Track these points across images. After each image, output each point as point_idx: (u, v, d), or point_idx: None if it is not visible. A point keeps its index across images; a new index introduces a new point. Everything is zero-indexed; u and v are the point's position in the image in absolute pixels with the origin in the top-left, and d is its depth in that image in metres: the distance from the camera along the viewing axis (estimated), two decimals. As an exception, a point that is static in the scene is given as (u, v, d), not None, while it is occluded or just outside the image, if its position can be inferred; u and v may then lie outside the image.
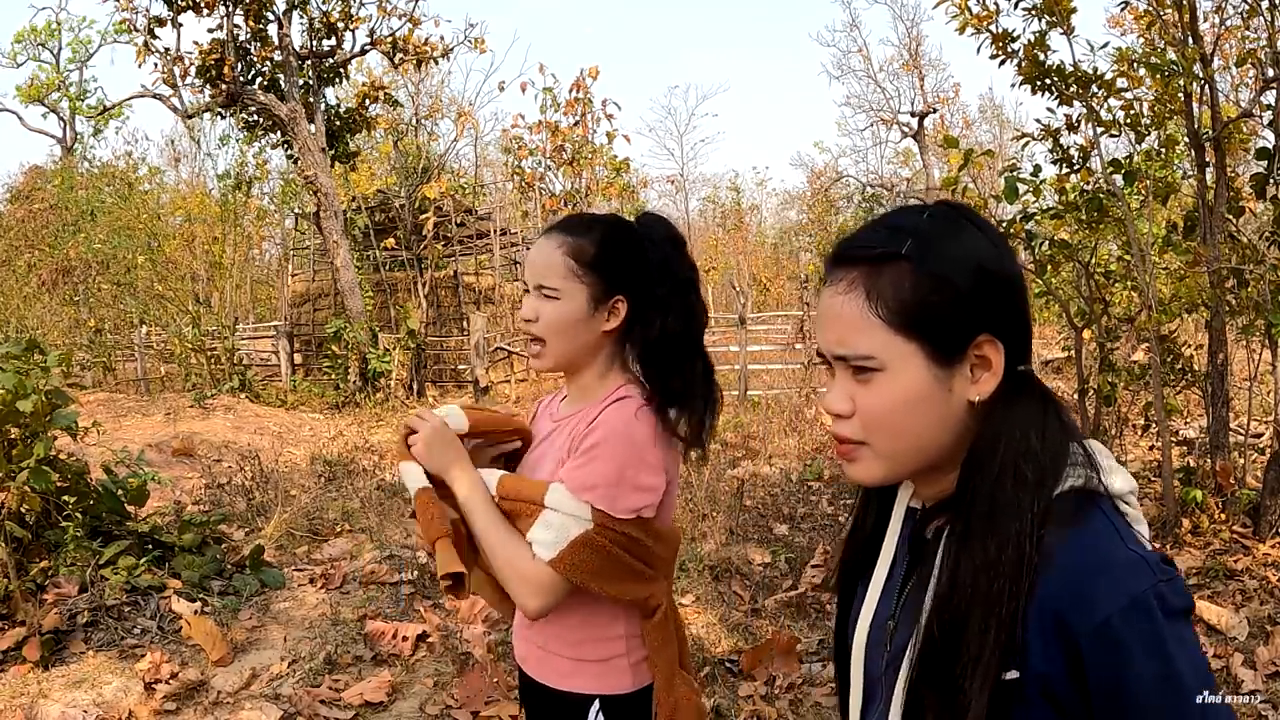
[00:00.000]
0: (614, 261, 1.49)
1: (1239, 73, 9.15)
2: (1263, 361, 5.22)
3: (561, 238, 1.50)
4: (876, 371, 0.88)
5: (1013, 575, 0.83)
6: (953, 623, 0.85)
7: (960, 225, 0.91)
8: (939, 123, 25.79)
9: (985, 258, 0.89)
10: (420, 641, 3.87)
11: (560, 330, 1.48)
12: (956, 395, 0.89)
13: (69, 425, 4.11)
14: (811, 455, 7.40)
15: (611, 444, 1.40)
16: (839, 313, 0.90)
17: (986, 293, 0.88)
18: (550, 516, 1.40)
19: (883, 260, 0.89)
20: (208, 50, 12.36)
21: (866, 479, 0.93)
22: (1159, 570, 0.83)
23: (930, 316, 0.87)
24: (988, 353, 0.88)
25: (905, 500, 1.02)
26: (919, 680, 0.88)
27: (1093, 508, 0.87)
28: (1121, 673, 0.81)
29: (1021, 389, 0.90)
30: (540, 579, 1.39)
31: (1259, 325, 4.41)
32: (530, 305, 1.50)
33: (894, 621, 0.97)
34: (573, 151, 14.60)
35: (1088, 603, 0.81)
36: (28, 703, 3.30)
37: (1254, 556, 4.20)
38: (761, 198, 40.35)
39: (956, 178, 4.64)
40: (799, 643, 3.68)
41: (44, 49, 25.57)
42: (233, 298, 16.80)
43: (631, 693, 1.50)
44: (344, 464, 7.48)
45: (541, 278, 1.48)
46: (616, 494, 1.39)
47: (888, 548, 1.01)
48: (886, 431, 0.89)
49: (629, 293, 1.49)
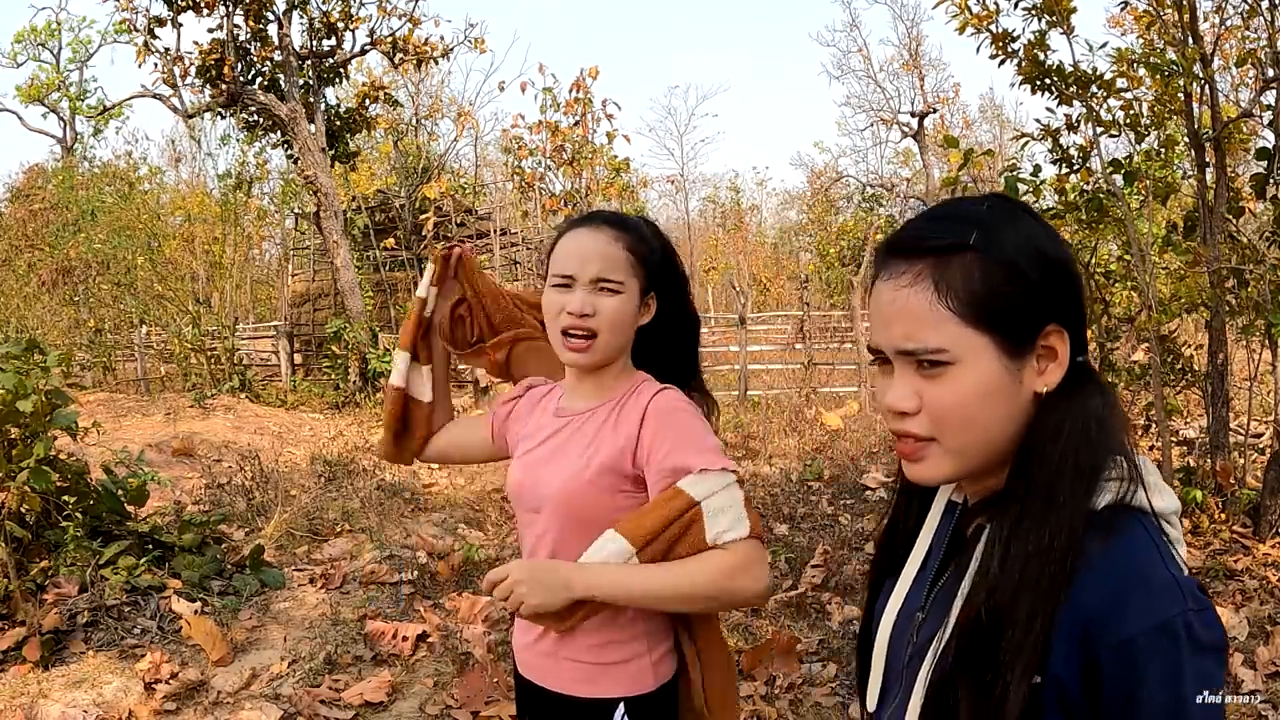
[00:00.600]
0: (655, 260, 1.51)
1: (1239, 73, 9.15)
2: (1263, 361, 5.22)
3: (616, 232, 1.48)
4: (947, 365, 0.86)
5: (1062, 563, 0.82)
6: (999, 608, 0.83)
7: (1018, 215, 0.90)
8: (939, 123, 25.76)
9: (1048, 247, 0.88)
10: (420, 641, 3.87)
11: (619, 325, 1.47)
12: (1025, 387, 0.87)
13: (69, 425, 4.11)
14: (811, 455, 7.40)
15: (680, 426, 1.41)
16: (905, 306, 0.87)
17: (1053, 281, 0.87)
18: (712, 504, 1.34)
19: (950, 251, 0.87)
20: (208, 50, 12.35)
21: (934, 477, 0.91)
22: (1192, 599, 0.81)
23: (1002, 307, 0.85)
24: (1054, 343, 0.87)
25: (947, 494, 1.01)
26: (954, 668, 0.86)
27: (1134, 521, 0.85)
28: (1134, 694, 0.80)
29: (1081, 380, 0.89)
30: (749, 557, 1.34)
31: (1259, 325, 4.40)
32: (584, 298, 1.44)
33: (923, 613, 0.96)
34: (573, 151, 14.58)
35: (1116, 617, 0.80)
36: (28, 703, 3.30)
37: (1254, 556, 4.20)
38: (761, 198, 40.29)
39: (956, 178, 4.65)
40: (799, 643, 3.68)
41: (44, 49, 25.56)
42: (233, 298, 16.79)
43: (655, 691, 1.47)
44: (344, 464, 7.48)
45: (603, 271, 1.45)
46: (716, 453, 1.40)
47: (923, 540, 1.00)
48: (958, 426, 0.87)
49: (655, 289, 1.52)
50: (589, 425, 1.49)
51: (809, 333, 12.68)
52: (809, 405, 10.13)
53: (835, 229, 25.65)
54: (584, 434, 1.48)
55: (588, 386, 1.54)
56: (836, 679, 3.50)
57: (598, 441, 1.45)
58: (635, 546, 1.34)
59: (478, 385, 12.29)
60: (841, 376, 12.47)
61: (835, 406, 10.14)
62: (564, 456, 1.48)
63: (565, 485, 1.45)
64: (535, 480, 1.51)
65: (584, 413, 1.51)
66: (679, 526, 1.33)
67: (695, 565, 1.33)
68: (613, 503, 1.43)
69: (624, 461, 1.43)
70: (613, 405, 1.49)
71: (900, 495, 1.06)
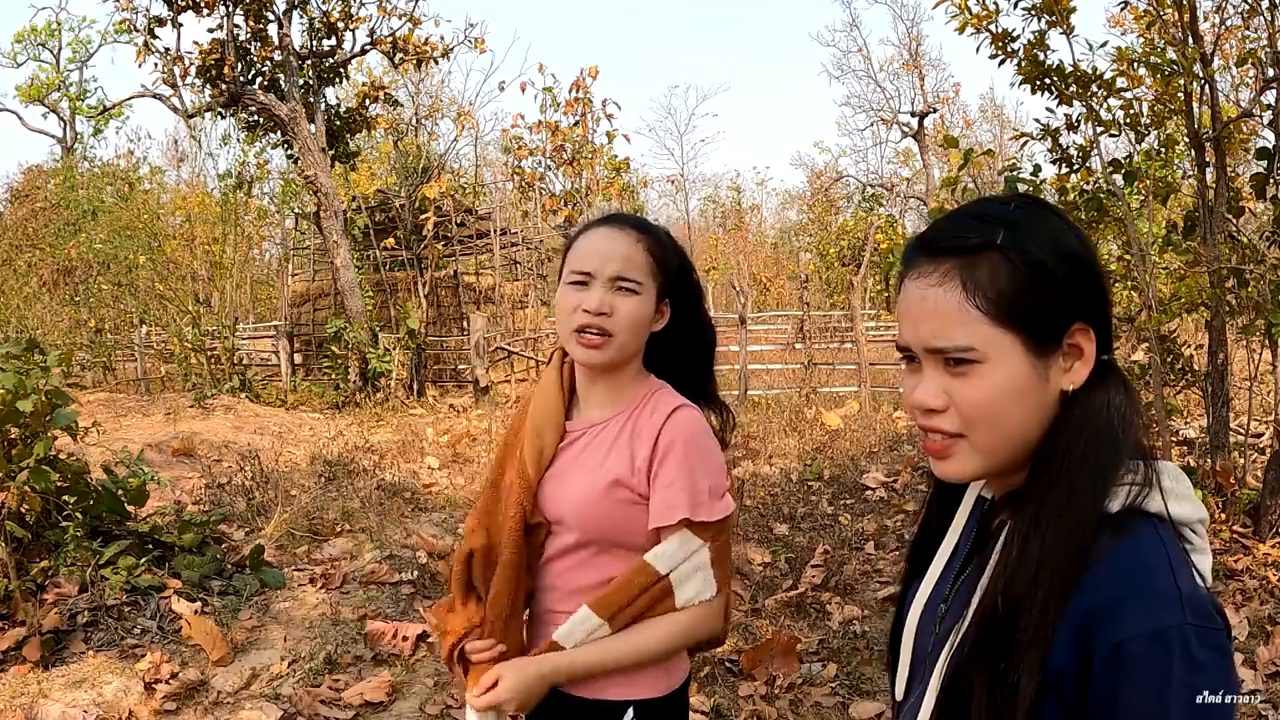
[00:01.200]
0: (672, 265, 1.51)
1: (1239, 73, 9.15)
2: (1263, 361, 5.22)
3: (637, 234, 1.48)
4: (975, 363, 0.87)
5: (1076, 558, 0.84)
6: (1015, 599, 0.85)
7: (1045, 215, 0.91)
8: (939, 122, 25.77)
9: (1074, 247, 0.90)
10: (420, 641, 3.87)
11: (635, 326, 1.45)
12: (1052, 385, 0.89)
13: (69, 425, 4.10)
14: (811, 455, 7.40)
15: (690, 458, 1.41)
16: (934, 305, 0.89)
17: (1080, 281, 0.89)
18: (679, 574, 1.41)
19: (978, 251, 0.88)
20: (208, 50, 12.35)
21: (961, 474, 0.92)
22: (1195, 614, 0.81)
23: (1030, 306, 0.87)
24: (1080, 341, 0.89)
25: (976, 489, 1.02)
26: (970, 657, 0.88)
27: (1146, 525, 0.86)
28: (1118, 698, 0.80)
29: (1106, 378, 0.90)
30: (711, 611, 1.44)
31: (1259, 325, 4.40)
32: (601, 297, 1.43)
33: (946, 605, 0.98)
34: (573, 151, 14.59)
35: (1113, 618, 0.81)
36: (28, 703, 3.30)
37: (1254, 556, 4.20)
38: (761, 197, 40.39)
39: (956, 177, 4.65)
40: (799, 643, 3.68)
41: (44, 49, 25.58)
42: (233, 298, 16.78)
43: (665, 695, 1.47)
44: (344, 464, 7.48)
45: (624, 270, 1.44)
46: (711, 502, 1.41)
47: (952, 534, 1.03)
48: (986, 424, 0.88)
49: (673, 299, 1.52)
50: (603, 439, 1.48)
51: (809, 333, 12.69)
52: (809, 405, 10.13)
53: (835, 229, 25.68)
54: (598, 449, 1.48)
55: (600, 392, 1.52)
56: (836, 679, 3.50)
57: (612, 458, 1.45)
58: (604, 618, 1.42)
59: (477, 385, 12.29)
60: (841, 376, 12.47)
61: (835, 406, 10.14)
62: (580, 470, 1.48)
63: (582, 503, 1.46)
64: (553, 494, 1.50)
65: (599, 424, 1.50)
66: (648, 598, 1.41)
67: (662, 629, 1.42)
68: (630, 514, 1.44)
69: (636, 481, 1.44)
70: (626, 416, 1.48)
71: (932, 491, 1.08)
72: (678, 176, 31.71)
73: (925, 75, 26.08)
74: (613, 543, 1.46)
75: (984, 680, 0.86)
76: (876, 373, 11.41)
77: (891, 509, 5.77)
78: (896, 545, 5.05)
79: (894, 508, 5.77)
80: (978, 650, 0.87)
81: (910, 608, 1.03)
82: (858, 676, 3.52)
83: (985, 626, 0.87)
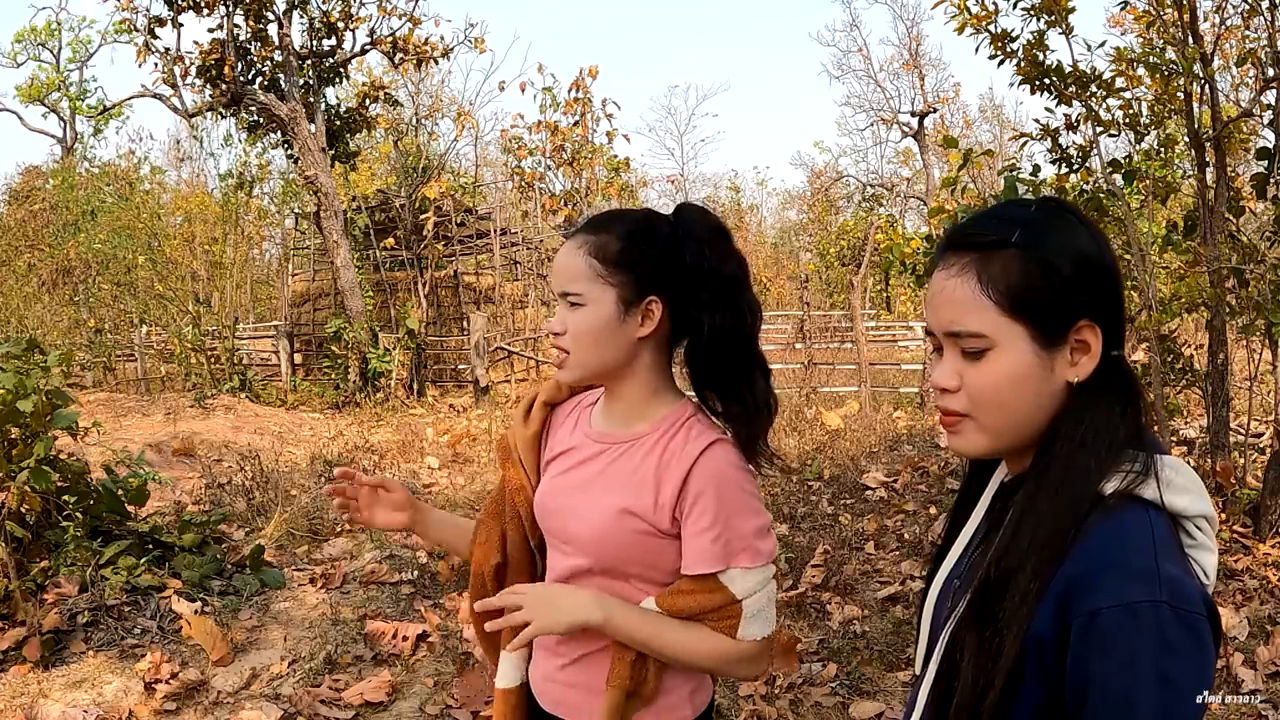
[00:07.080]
0: (643, 257, 1.34)
1: (1239, 72, 9.15)
2: (1263, 361, 5.22)
3: (583, 238, 1.36)
4: (986, 350, 0.95)
5: (1064, 532, 0.89)
6: (1007, 571, 0.91)
7: (1064, 219, 0.98)
8: (939, 122, 25.77)
9: (1087, 249, 0.96)
10: (420, 641, 3.87)
11: (582, 340, 1.34)
12: (1057, 375, 0.95)
13: (69, 425, 4.11)
14: (811, 455, 7.40)
15: (729, 501, 1.31)
16: (953, 293, 0.97)
17: (1087, 281, 0.95)
18: (751, 604, 1.31)
19: (994, 247, 0.96)
20: (208, 50, 12.35)
21: (969, 450, 1.00)
22: (1172, 595, 0.83)
23: (1036, 300, 0.94)
24: (1087, 337, 0.95)
25: (1000, 475, 1.09)
26: (964, 624, 0.95)
27: (1137, 508, 0.90)
28: (1089, 669, 0.83)
29: (1113, 373, 0.96)
30: (759, 652, 1.35)
31: (1259, 325, 4.40)
32: (559, 315, 1.37)
33: (960, 581, 1.04)
34: (573, 151, 14.58)
35: (1091, 587, 0.85)
36: (28, 703, 3.31)
37: (1254, 556, 4.20)
38: (761, 197, 40.37)
39: (956, 177, 4.65)
40: (799, 643, 3.68)
41: (44, 49, 25.56)
42: (233, 298, 16.80)
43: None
44: (344, 464, 7.48)
45: (565, 284, 1.35)
46: (758, 545, 1.32)
47: (975, 516, 1.09)
48: (991, 406, 0.96)
49: (664, 293, 1.35)
50: (624, 463, 1.38)
51: (809, 333, 12.68)
52: (809, 405, 10.13)
53: (835, 229, 25.69)
54: (617, 472, 1.38)
55: (616, 409, 1.42)
56: (836, 679, 3.50)
57: (633, 486, 1.35)
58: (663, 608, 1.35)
59: (477, 385, 12.29)
60: (841, 376, 12.46)
61: (835, 406, 10.14)
62: (595, 491, 1.39)
63: (596, 528, 1.36)
64: (566, 511, 1.42)
65: (621, 443, 1.39)
66: (716, 617, 1.32)
67: (710, 645, 1.33)
68: (643, 544, 1.35)
69: (659, 518, 1.34)
70: (652, 443, 1.36)
71: (966, 476, 1.16)
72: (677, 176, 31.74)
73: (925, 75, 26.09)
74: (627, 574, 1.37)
75: (972, 647, 0.92)
76: (876, 373, 11.40)
77: (891, 509, 5.77)
78: (896, 545, 5.05)
79: (894, 508, 5.77)
80: (969, 618, 0.94)
81: (933, 586, 1.10)
82: (858, 676, 3.52)
83: (978, 597, 0.93)
